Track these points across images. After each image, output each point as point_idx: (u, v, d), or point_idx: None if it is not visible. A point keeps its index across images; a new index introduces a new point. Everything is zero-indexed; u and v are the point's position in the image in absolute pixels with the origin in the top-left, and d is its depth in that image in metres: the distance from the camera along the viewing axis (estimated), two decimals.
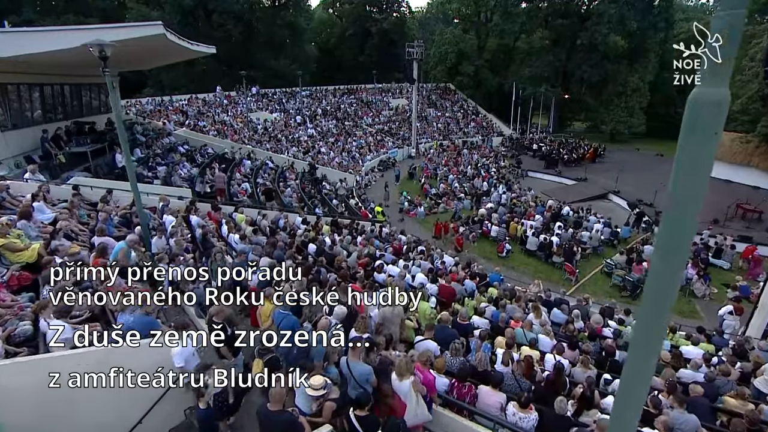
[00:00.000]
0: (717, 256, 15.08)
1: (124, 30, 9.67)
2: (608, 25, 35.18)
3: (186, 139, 19.71)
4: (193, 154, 18.10)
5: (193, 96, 28.65)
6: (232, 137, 23.60)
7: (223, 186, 14.64)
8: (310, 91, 37.81)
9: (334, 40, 52.07)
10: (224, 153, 20.12)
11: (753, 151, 23.78)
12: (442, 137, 36.49)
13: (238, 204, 12.74)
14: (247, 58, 38.89)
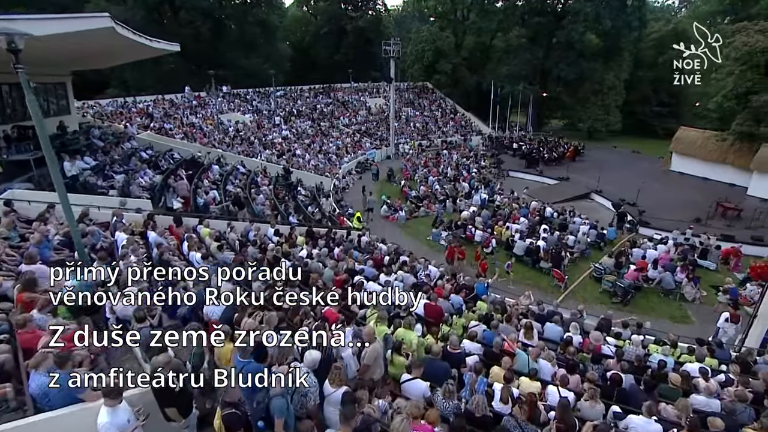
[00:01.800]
0: (703, 256, 14.87)
1: (64, 22, 8.47)
2: (584, 24, 35.33)
3: (150, 144, 18.37)
4: (156, 160, 16.79)
5: (159, 97, 27.09)
6: (201, 140, 22.31)
7: (186, 194, 13.47)
8: (284, 91, 36.58)
9: (308, 38, 50.76)
10: (198, 157, 18.88)
11: (728, 149, 24.06)
12: (420, 137, 35.86)
13: (203, 216, 11.67)
14: (217, 56, 37.30)
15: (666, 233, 16.71)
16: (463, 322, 8.79)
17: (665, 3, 61.09)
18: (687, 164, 26.71)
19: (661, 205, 20.53)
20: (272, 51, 43.44)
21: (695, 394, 6.40)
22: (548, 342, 8.36)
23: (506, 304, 10.19)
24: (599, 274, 13.68)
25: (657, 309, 12.38)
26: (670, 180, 25.60)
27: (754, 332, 9.50)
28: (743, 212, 19.04)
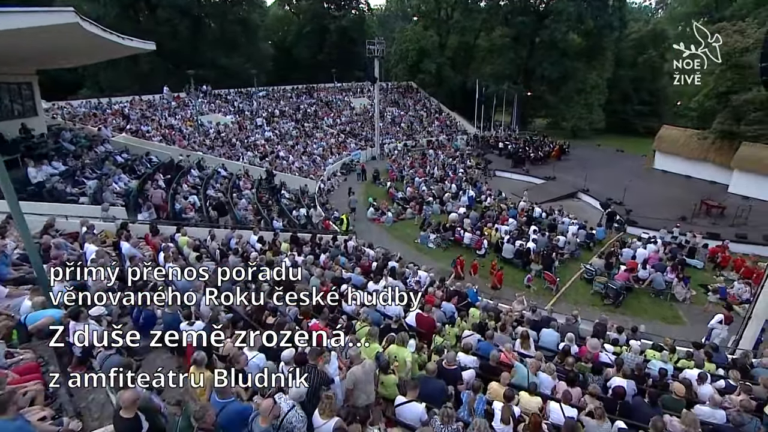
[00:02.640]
0: (690, 255, 14.90)
1: (23, 16, 7.82)
2: (567, 23, 35.57)
3: (125, 147, 17.58)
4: (132, 164, 16.03)
5: (136, 97, 26.13)
6: (180, 143, 21.50)
7: (159, 202, 12.81)
8: (267, 91, 35.84)
9: (290, 37, 50.03)
10: (179, 161, 18.16)
11: (709, 147, 24.39)
12: (406, 137, 35.55)
13: (181, 223, 11.08)
14: (197, 56, 36.34)
15: (653, 232, 16.74)
16: (456, 331, 8.46)
17: (642, 4, 62.39)
18: (670, 162, 27.03)
19: (647, 204, 20.64)
20: (254, 50, 42.64)
21: (699, 405, 6.20)
22: (544, 350, 8.09)
23: (500, 311, 9.94)
24: (590, 276, 13.54)
25: (649, 310, 12.29)
26: (653, 178, 25.84)
27: (748, 334, 9.41)
28: (726, 210, 19.23)
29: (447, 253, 16.85)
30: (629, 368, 6.81)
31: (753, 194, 21.50)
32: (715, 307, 12.43)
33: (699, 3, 48.11)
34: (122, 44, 12.66)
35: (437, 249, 17.09)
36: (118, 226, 9.17)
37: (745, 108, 22.48)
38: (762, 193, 21.35)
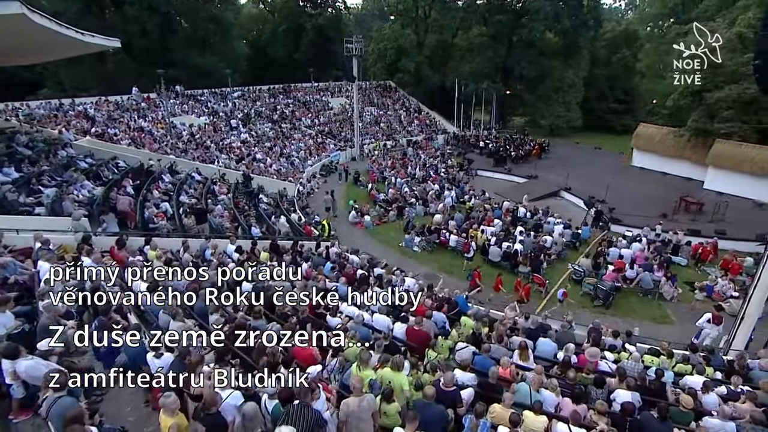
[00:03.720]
0: (674, 253, 14.95)
1: None
2: (544, 22, 35.79)
3: (90, 151, 16.49)
4: (98, 170, 15.00)
5: (101, 98, 24.75)
6: (151, 146, 20.41)
7: (126, 209, 11.92)
8: (242, 91, 34.78)
9: (266, 36, 48.87)
10: (150, 166, 17.16)
11: (685, 144, 24.82)
12: (385, 137, 35.08)
13: (150, 233, 10.27)
14: (168, 55, 34.90)
15: (637, 230, 16.79)
16: (450, 343, 8.01)
17: (612, 5, 63.87)
18: (647, 159, 27.45)
19: (627, 201, 20.77)
20: (227, 49, 41.37)
21: (708, 417, 5.94)
22: (542, 360, 7.75)
23: (493, 318, 9.56)
24: (579, 277, 13.38)
25: (638, 310, 12.18)
26: (632, 175, 26.15)
27: (740, 334, 9.33)
28: (704, 206, 19.51)
29: (433, 256, 16.48)
30: (632, 380, 6.53)
31: (727, 190, 21.95)
32: (701, 304, 12.46)
33: (667, 4, 49.51)
34: (82, 40, 11.74)
35: (422, 252, 16.69)
36: (78, 239, 8.33)
37: (717, 106, 22.96)
38: (735, 189, 21.81)
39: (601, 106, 43.37)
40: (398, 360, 5.72)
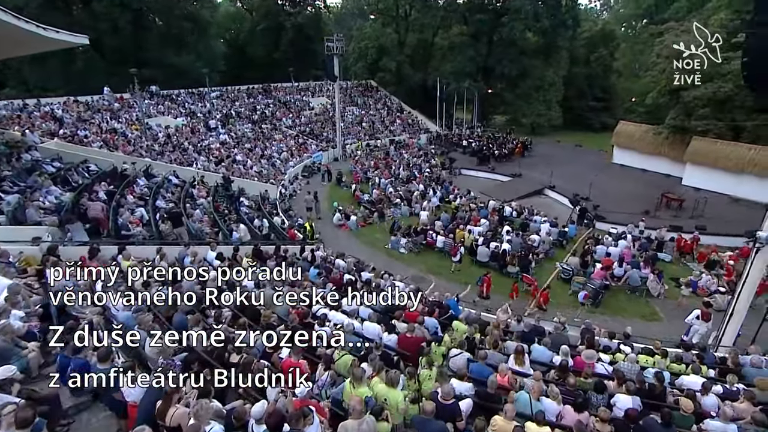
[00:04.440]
0: (659, 249, 15.10)
1: None
2: (524, 21, 36.02)
3: (58, 154, 15.64)
4: (66, 174, 14.18)
5: (70, 98, 23.62)
6: (125, 149, 19.54)
7: (99, 215, 11.26)
8: (220, 91, 33.90)
9: (244, 35, 47.94)
10: (124, 169, 16.38)
11: (663, 141, 25.27)
12: (368, 137, 34.74)
13: (124, 242, 9.68)
14: (142, 53, 33.72)
15: (621, 227, 16.91)
16: (443, 350, 7.74)
17: (588, 6, 65.16)
18: (627, 157, 27.88)
19: (609, 198, 20.96)
20: (205, 48, 40.29)
21: (710, 420, 5.83)
22: (537, 364, 7.56)
23: (485, 322, 9.34)
24: (567, 275, 13.33)
25: (627, 309, 12.19)
26: (613, 172, 26.49)
27: (730, 330, 9.36)
28: (685, 202, 19.85)
29: (420, 257, 16.24)
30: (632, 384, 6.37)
31: (704, 186, 22.41)
32: (687, 300, 12.57)
33: (641, 5, 50.75)
34: (45, 36, 11.00)
35: (409, 254, 16.42)
36: (43, 250, 7.72)
37: (694, 104, 23.43)
38: (712, 185, 22.28)
39: (580, 105, 44.06)
40: (393, 376, 5.40)
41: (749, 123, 23.95)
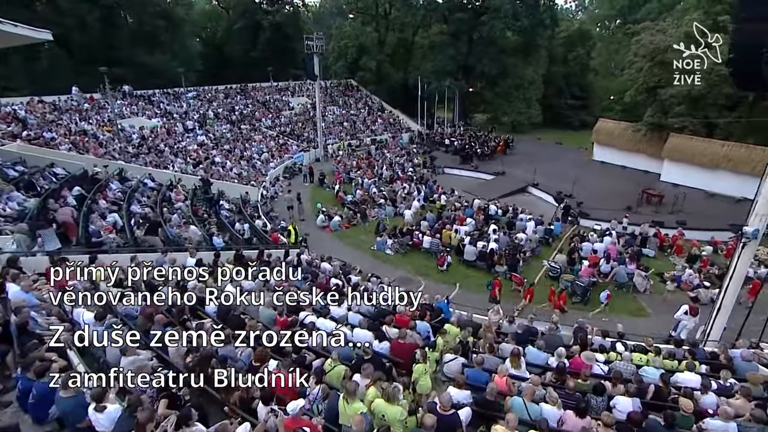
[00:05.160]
0: (642, 244, 15.26)
1: None
2: (504, 20, 36.20)
3: (21, 158, 14.72)
4: (31, 178, 13.34)
5: (34, 98, 22.43)
6: (96, 151, 18.64)
7: (68, 219, 10.60)
8: (197, 91, 32.94)
9: (221, 34, 46.87)
10: (95, 173, 15.57)
11: (641, 138, 25.75)
12: (349, 137, 34.35)
13: (95, 250, 9.09)
14: (113, 52, 32.36)
15: (605, 224, 17.06)
16: (437, 355, 7.50)
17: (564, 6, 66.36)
18: (607, 154, 28.34)
19: (592, 195, 21.20)
20: (180, 47, 39.18)
21: (710, 419, 5.74)
22: (532, 366, 7.39)
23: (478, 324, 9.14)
24: (555, 274, 13.29)
25: (615, 305, 12.19)
26: (594, 169, 26.86)
27: (717, 325, 9.42)
28: (664, 198, 20.19)
29: (406, 258, 16.00)
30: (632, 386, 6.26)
31: (682, 182, 22.94)
32: (672, 295, 12.70)
33: (615, 6, 51.88)
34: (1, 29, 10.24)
35: (396, 255, 16.16)
36: (2, 262, 7.11)
37: (670, 102, 23.96)
38: (690, 181, 22.80)
39: (559, 103, 44.68)
40: (392, 391, 5.11)
41: (721, 120, 24.71)
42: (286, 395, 5.35)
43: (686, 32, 23.40)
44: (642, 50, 24.16)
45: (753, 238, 8.59)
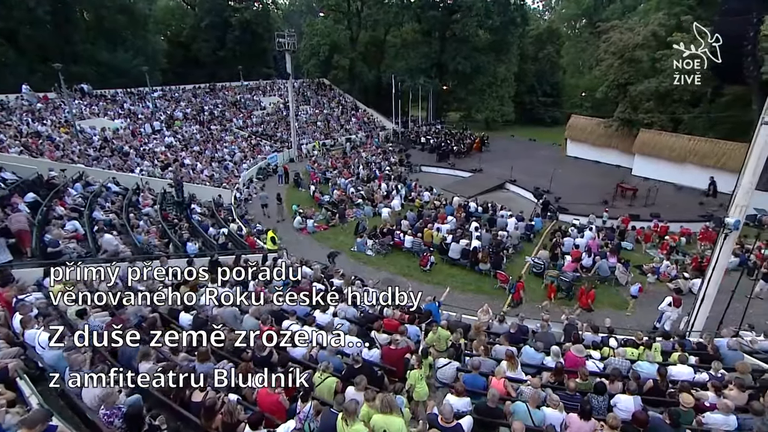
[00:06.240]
0: (621, 237, 15.46)
1: None
2: (476, 18, 36.37)
3: None
4: None
5: None
6: (51, 155, 17.36)
7: (23, 227, 9.67)
8: (164, 91, 31.53)
9: (187, 31, 45.14)
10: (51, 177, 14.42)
11: (613, 134, 26.36)
12: (323, 136, 33.73)
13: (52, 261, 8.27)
14: (69, 48, 30.51)
15: (583, 218, 17.23)
16: (430, 360, 7.17)
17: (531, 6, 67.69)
18: (580, 149, 28.87)
19: (568, 190, 21.41)
20: (143, 45, 37.37)
21: (710, 414, 5.66)
22: (527, 366, 7.17)
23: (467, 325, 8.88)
24: (539, 270, 13.24)
25: (600, 299, 12.21)
26: (568, 165, 27.22)
27: (701, 315, 9.52)
28: (638, 191, 20.64)
29: (388, 259, 15.63)
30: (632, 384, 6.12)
31: (652, 176, 23.55)
32: (653, 287, 12.89)
33: (581, 6, 53.18)
34: None
35: (377, 256, 15.78)
36: None
37: (639, 98, 24.62)
38: (659, 174, 23.42)
39: (531, 100, 45.48)
40: (389, 399, 4.73)
41: (686, 116, 25.62)
42: (274, 415, 4.90)
43: (653, 31, 24.21)
44: (612, 48, 24.71)
45: (734, 229, 8.69)
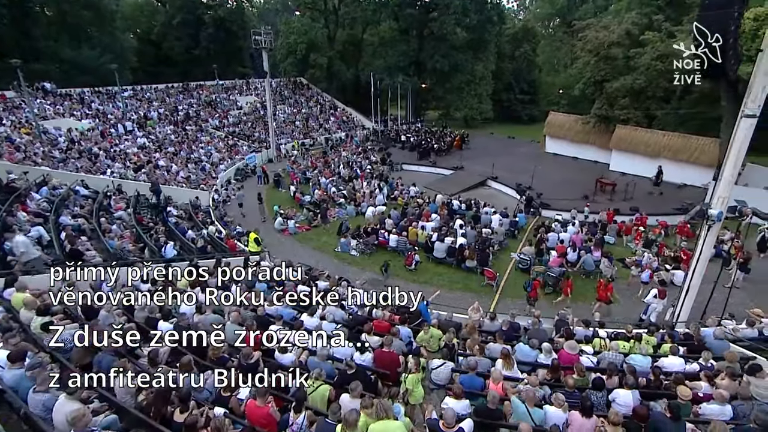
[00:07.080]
0: (603, 231, 15.64)
1: None
2: (454, 16, 36.43)
3: None
4: None
5: None
6: (11, 156, 16.37)
7: None
8: (134, 90, 30.38)
9: (158, 28, 43.68)
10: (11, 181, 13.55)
11: (590, 130, 26.84)
12: (302, 136, 33.19)
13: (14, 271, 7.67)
14: (29, 44, 28.99)
15: (566, 213, 17.39)
16: (423, 362, 6.96)
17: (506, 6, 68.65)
18: (559, 146, 29.27)
19: (549, 186, 21.63)
20: (111, 42, 35.89)
21: (706, 404, 5.68)
22: (521, 364, 7.05)
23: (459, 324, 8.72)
24: (525, 266, 13.23)
25: (585, 293, 12.27)
26: (547, 161, 27.55)
27: (685, 305, 9.63)
28: (617, 186, 21.02)
29: (373, 259, 15.36)
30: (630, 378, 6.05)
31: (629, 171, 24.08)
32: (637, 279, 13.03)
33: (555, 6, 54.23)
34: None
35: (361, 256, 15.49)
36: None
37: (615, 95, 25.14)
38: (635, 170, 23.92)
39: (509, 98, 45.96)
40: (384, 405, 4.48)
41: (659, 112, 26.30)
42: (265, 428, 4.58)
43: (626, 30, 24.75)
44: (588, 45, 25.15)
45: (717, 221, 8.81)
